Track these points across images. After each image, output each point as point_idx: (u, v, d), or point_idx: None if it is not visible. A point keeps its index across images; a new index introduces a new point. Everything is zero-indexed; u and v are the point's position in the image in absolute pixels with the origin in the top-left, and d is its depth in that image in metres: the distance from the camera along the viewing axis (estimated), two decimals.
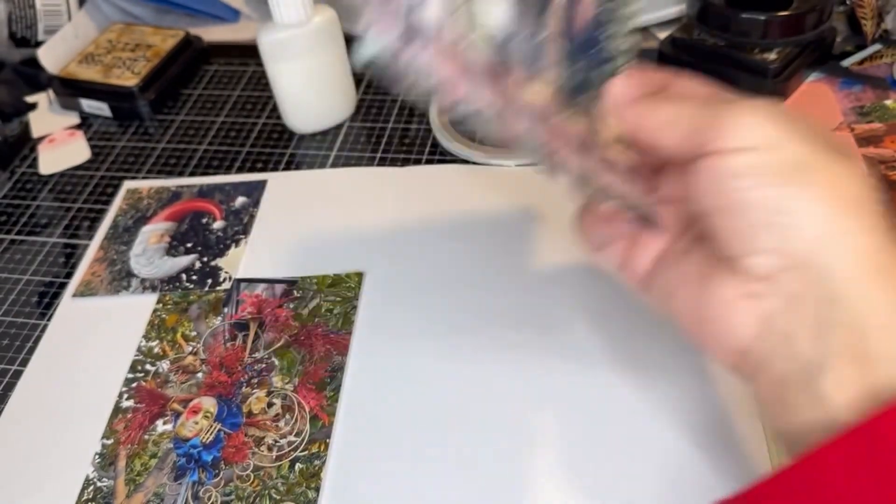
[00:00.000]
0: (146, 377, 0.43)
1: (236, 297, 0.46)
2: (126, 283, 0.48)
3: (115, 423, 0.41)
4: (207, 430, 0.40)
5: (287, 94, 0.56)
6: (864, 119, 0.51)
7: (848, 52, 0.56)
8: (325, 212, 0.51)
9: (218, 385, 0.42)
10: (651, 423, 0.37)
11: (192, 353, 0.44)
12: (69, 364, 0.45)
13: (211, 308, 0.46)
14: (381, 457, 0.38)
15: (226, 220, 0.52)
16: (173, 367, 0.43)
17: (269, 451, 0.39)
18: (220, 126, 0.60)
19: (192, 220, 0.52)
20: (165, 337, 0.45)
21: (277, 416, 0.40)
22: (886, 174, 0.48)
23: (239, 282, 0.47)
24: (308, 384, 0.41)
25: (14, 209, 0.56)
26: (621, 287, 0.38)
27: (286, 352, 0.43)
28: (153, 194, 0.54)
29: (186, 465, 0.39)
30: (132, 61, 0.63)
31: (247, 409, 0.41)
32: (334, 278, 0.46)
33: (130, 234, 0.52)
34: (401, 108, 0.59)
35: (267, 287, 0.47)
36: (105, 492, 0.39)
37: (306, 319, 0.44)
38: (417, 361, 0.41)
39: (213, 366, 0.43)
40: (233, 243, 0.50)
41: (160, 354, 0.44)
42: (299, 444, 0.39)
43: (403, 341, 0.42)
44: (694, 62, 0.55)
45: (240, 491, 0.38)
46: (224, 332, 0.45)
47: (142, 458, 0.40)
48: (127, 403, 0.42)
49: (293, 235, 0.49)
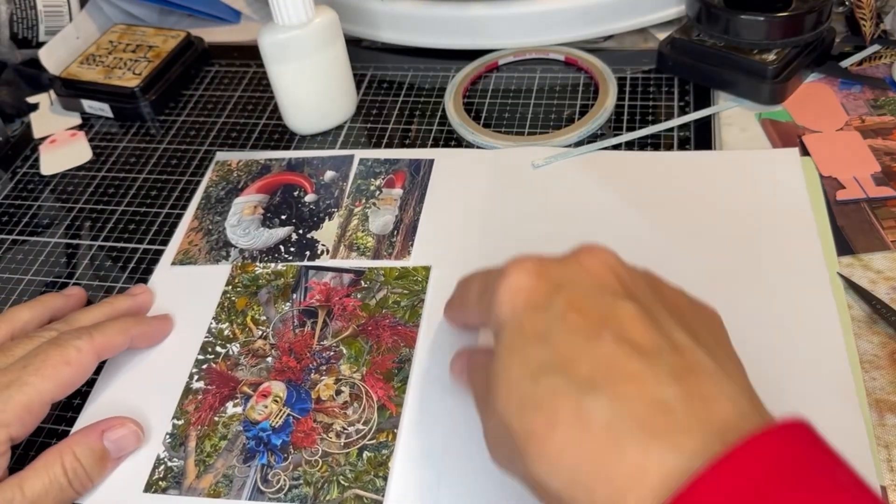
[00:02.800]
0: (216, 359, 0.44)
1: (304, 283, 0.47)
2: (225, 253, 0.50)
3: (186, 403, 0.42)
4: (277, 414, 0.41)
5: (288, 95, 0.56)
6: (877, 112, 0.52)
7: (847, 53, 0.57)
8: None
9: (287, 370, 0.43)
10: None
11: (261, 337, 0.45)
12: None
13: (280, 293, 0.47)
14: (447, 449, 0.38)
15: (317, 194, 0.52)
16: (243, 350, 0.44)
17: (337, 438, 0.39)
18: (221, 127, 0.60)
19: (284, 193, 0.53)
20: (235, 320, 0.46)
21: (346, 404, 0.41)
22: (892, 166, 0.48)
23: (307, 269, 0.48)
24: (376, 374, 0.42)
25: (15, 209, 0.56)
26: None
27: (354, 341, 0.44)
28: (242, 167, 0.55)
29: (256, 448, 0.40)
30: (133, 62, 0.63)
31: (315, 395, 0.41)
32: (401, 271, 0.47)
33: (223, 204, 0.53)
34: (401, 109, 0.59)
35: (335, 276, 0.47)
36: (175, 472, 0.39)
37: (374, 310, 0.45)
38: None
39: (283, 351, 0.44)
40: (326, 216, 0.51)
41: (230, 337, 0.45)
42: (367, 432, 0.39)
43: (470, 338, 0.43)
44: (693, 63, 0.56)
45: (308, 476, 0.38)
46: (293, 318, 0.45)
47: (212, 440, 0.40)
48: (197, 384, 0.43)
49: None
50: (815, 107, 0.53)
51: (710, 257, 0.44)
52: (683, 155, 0.51)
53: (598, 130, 0.54)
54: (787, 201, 0.46)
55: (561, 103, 0.57)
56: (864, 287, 0.42)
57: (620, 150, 0.52)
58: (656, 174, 0.50)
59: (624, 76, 0.58)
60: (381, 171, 0.53)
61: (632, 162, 0.51)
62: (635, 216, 0.47)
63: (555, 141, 0.53)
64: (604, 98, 0.55)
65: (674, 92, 0.56)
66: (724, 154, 0.51)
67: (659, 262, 0.44)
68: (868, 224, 0.45)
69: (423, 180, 0.52)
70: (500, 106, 0.58)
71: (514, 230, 0.48)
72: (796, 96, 0.54)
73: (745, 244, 0.45)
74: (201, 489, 0.38)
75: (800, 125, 0.52)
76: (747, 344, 0.40)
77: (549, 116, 0.56)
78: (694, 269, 0.44)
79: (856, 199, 0.47)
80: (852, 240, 0.44)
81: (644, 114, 0.55)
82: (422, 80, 0.61)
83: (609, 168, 0.51)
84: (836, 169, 0.48)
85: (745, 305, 0.42)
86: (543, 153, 0.52)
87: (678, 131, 0.53)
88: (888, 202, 0.46)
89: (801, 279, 0.42)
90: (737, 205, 0.47)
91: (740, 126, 0.53)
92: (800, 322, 0.40)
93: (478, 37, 0.61)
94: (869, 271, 0.43)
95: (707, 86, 0.56)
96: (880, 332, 0.40)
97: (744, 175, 0.49)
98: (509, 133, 0.55)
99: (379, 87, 0.61)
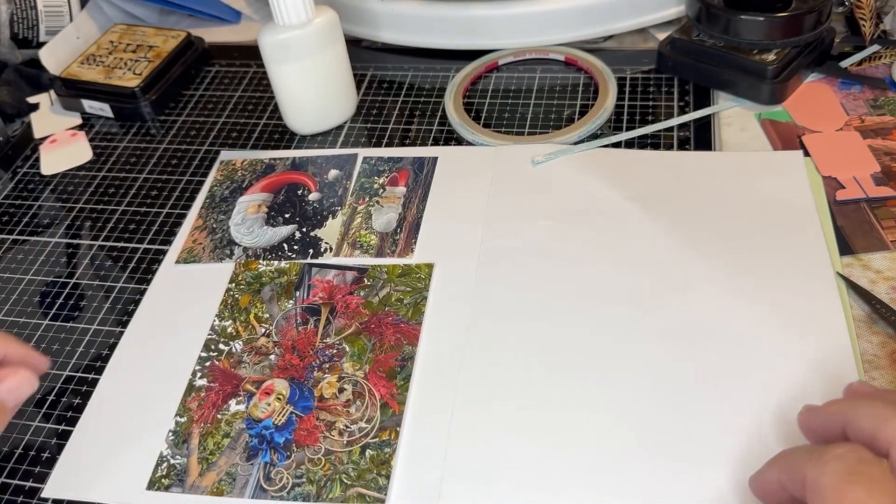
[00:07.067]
0: (220, 356, 0.44)
1: (308, 281, 0.47)
2: (229, 251, 0.50)
3: (189, 401, 0.42)
4: (280, 412, 0.41)
5: (288, 95, 0.56)
6: (877, 112, 0.52)
7: (846, 53, 0.57)
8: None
9: (290, 368, 0.43)
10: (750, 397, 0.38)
11: (264, 334, 0.45)
12: (159, 332, 0.46)
13: (283, 291, 0.47)
14: (449, 447, 0.38)
15: (321, 192, 0.53)
16: (247, 347, 0.44)
17: (339, 436, 0.39)
18: (221, 127, 0.60)
19: (288, 192, 0.53)
20: (239, 317, 0.46)
21: (348, 402, 0.41)
22: (892, 166, 0.48)
23: (310, 266, 0.48)
24: (378, 372, 0.42)
25: (16, 209, 0.56)
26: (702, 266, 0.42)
27: (357, 339, 0.44)
28: (247, 166, 0.56)
29: (259, 446, 0.40)
30: (134, 62, 0.63)
31: (318, 393, 0.41)
32: (404, 268, 0.47)
33: (228, 203, 0.53)
34: (402, 109, 0.59)
35: (338, 273, 0.47)
36: (178, 469, 0.39)
37: (377, 308, 0.45)
38: (486, 355, 0.42)
39: (286, 348, 0.44)
40: (329, 214, 0.51)
41: (234, 335, 0.45)
42: (370, 430, 0.39)
43: (473, 333, 0.43)
44: (693, 63, 0.56)
45: (311, 474, 0.38)
46: (296, 315, 0.45)
47: (215, 438, 0.40)
48: (200, 382, 0.43)
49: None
50: (814, 107, 0.53)
51: (711, 257, 0.44)
52: (686, 155, 0.51)
53: (597, 130, 0.54)
54: (791, 203, 0.46)
55: (561, 103, 0.57)
56: (863, 287, 0.42)
57: (621, 149, 0.52)
58: (659, 173, 0.50)
59: (624, 76, 0.58)
60: (384, 170, 0.53)
61: (634, 160, 0.51)
62: (638, 214, 0.47)
63: (555, 141, 0.53)
64: (604, 98, 0.56)
65: (674, 92, 0.56)
66: (726, 155, 0.51)
67: (662, 261, 0.45)
68: (868, 224, 0.45)
69: (427, 178, 0.52)
70: (500, 106, 0.58)
71: (517, 227, 0.48)
72: (796, 96, 0.54)
73: (748, 245, 0.45)
74: (204, 487, 0.38)
75: (799, 125, 0.52)
76: (752, 344, 0.40)
77: (549, 116, 0.56)
78: (694, 269, 0.44)
79: (855, 199, 0.47)
80: (852, 240, 0.44)
81: (644, 114, 0.55)
82: (422, 80, 0.61)
83: (611, 165, 0.51)
84: (835, 169, 0.49)
85: (748, 305, 0.42)
86: (544, 150, 0.52)
87: (678, 131, 0.53)
88: (888, 202, 0.46)
89: (807, 280, 0.42)
90: (740, 205, 0.47)
91: (740, 126, 0.53)
92: (806, 322, 0.40)
93: (478, 37, 0.61)
94: (868, 271, 0.43)
95: (707, 86, 0.56)
96: (880, 332, 0.40)
97: (747, 176, 0.49)
98: (509, 133, 0.55)
99: (379, 87, 0.62)
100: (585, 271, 0.45)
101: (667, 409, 0.38)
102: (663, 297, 0.43)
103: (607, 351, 0.41)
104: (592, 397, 0.39)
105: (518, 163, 0.52)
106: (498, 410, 0.39)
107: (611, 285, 0.44)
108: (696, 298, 0.42)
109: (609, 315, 0.42)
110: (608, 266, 0.45)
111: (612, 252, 0.45)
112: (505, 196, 0.50)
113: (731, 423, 0.37)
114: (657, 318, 0.42)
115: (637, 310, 0.42)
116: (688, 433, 0.37)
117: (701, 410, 0.38)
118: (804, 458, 0.29)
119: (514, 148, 0.53)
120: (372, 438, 0.39)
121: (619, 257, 0.45)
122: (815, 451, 0.29)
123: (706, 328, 0.41)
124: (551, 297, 0.44)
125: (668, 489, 0.35)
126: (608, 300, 0.43)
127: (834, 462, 0.28)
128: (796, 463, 0.30)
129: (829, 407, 0.32)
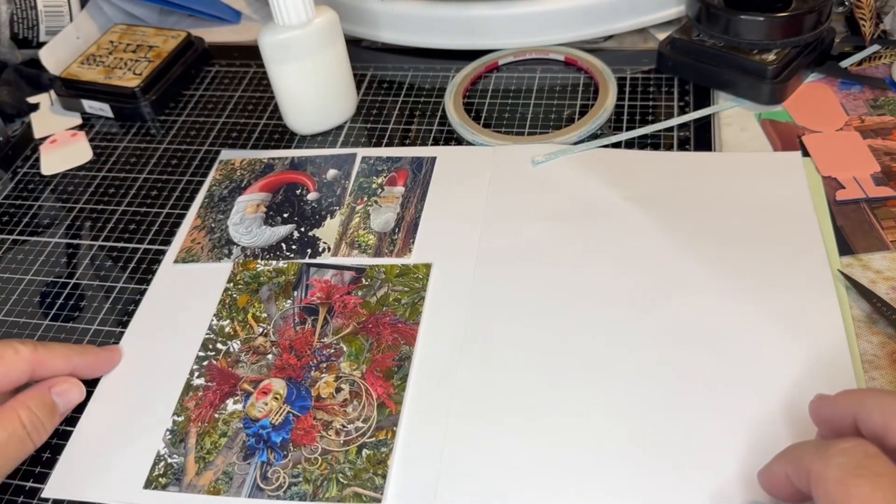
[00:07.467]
0: (217, 356, 0.44)
1: (306, 281, 0.47)
2: (227, 251, 0.50)
3: (186, 400, 0.42)
4: (277, 411, 0.41)
5: (288, 95, 0.56)
6: (877, 112, 0.52)
7: (846, 53, 0.57)
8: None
9: (288, 367, 0.43)
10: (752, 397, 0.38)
11: (262, 334, 0.45)
12: (158, 332, 0.46)
13: (281, 291, 0.47)
14: (446, 447, 0.38)
15: (319, 192, 0.53)
16: (244, 347, 0.44)
17: (336, 436, 0.39)
18: (221, 127, 0.60)
19: (287, 191, 0.53)
20: (237, 317, 0.46)
21: (345, 402, 0.41)
22: (891, 166, 0.48)
23: (309, 266, 0.48)
24: (375, 371, 0.42)
25: (16, 209, 0.56)
26: (703, 264, 0.42)
27: (354, 338, 0.44)
28: (246, 165, 0.56)
29: (256, 446, 0.40)
30: (134, 62, 0.63)
31: (315, 392, 0.41)
32: (402, 268, 0.47)
33: (226, 203, 0.53)
34: (401, 109, 0.59)
35: (336, 273, 0.47)
36: (175, 468, 0.39)
37: (374, 308, 0.45)
38: (484, 355, 0.42)
39: (284, 348, 0.44)
40: (328, 214, 0.51)
41: (231, 334, 0.45)
42: (367, 430, 0.39)
43: (471, 334, 0.43)
44: (693, 63, 0.56)
45: (307, 473, 0.38)
46: (294, 315, 0.45)
47: (212, 437, 0.40)
48: (198, 381, 0.43)
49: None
50: (814, 107, 0.53)
51: (710, 257, 0.44)
52: (686, 155, 0.51)
53: (597, 130, 0.54)
54: (790, 203, 0.46)
55: (561, 103, 0.57)
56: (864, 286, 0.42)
57: (621, 149, 0.52)
58: (659, 174, 0.50)
59: (624, 76, 0.58)
60: (383, 170, 0.53)
61: (634, 160, 0.51)
62: (638, 214, 0.47)
63: (554, 141, 0.53)
64: (604, 98, 0.55)
65: (674, 92, 0.56)
66: (726, 155, 0.51)
67: (662, 261, 0.45)
68: (867, 224, 0.45)
69: (425, 178, 0.52)
70: (500, 106, 0.58)
71: (516, 227, 0.48)
72: (796, 96, 0.54)
73: (748, 245, 0.45)
74: (201, 486, 0.38)
75: (799, 125, 0.52)
76: (751, 344, 0.40)
77: (549, 116, 0.56)
78: (694, 270, 0.44)
79: (855, 199, 0.47)
80: (852, 240, 0.44)
81: (644, 114, 0.55)
82: (422, 80, 0.61)
83: (611, 166, 0.51)
84: (835, 169, 0.48)
85: (748, 306, 0.42)
86: (544, 150, 0.52)
87: (678, 131, 0.53)
88: (888, 202, 0.46)
89: (806, 280, 0.42)
90: (739, 206, 0.47)
91: (740, 126, 0.53)
92: (805, 323, 0.40)
93: (478, 37, 0.61)
94: (868, 271, 0.43)
95: (707, 86, 0.56)
96: (880, 332, 0.40)
97: (747, 176, 0.49)
98: (509, 133, 0.55)
99: (379, 87, 0.62)
100: (584, 271, 0.45)
101: (666, 409, 0.38)
102: (662, 297, 0.43)
103: (606, 350, 0.41)
104: (591, 397, 0.39)
105: (518, 163, 0.52)
106: (495, 411, 0.39)
107: (610, 285, 0.44)
108: (695, 298, 0.42)
109: (608, 315, 0.42)
110: (607, 266, 0.45)
111: (612, 252, 0.45)
112: (504, 196, 0.50)
113: (730, 423, 0.37)
114: (656, 318, 0.42)
115: (636, 310, 0.42)
116: (687, 433, 0.37)
117: (700, 410, 0.38)
118: (810, 452, 0.29)
119: (514, 148, 0.53)
120: (369, 438, 0.39)
121: (618, 257, 0.45)
122: (820, 444, 0.29)
123: (705, 328, 0.41)
124: (550, 297, 0.44)
125: (667, 489, 0.35)
126: (607, 300, 0.43)
127: (839, 456, 0.28)
128: (802, 456, 0.30)
129: (841, 397, 0.32)
